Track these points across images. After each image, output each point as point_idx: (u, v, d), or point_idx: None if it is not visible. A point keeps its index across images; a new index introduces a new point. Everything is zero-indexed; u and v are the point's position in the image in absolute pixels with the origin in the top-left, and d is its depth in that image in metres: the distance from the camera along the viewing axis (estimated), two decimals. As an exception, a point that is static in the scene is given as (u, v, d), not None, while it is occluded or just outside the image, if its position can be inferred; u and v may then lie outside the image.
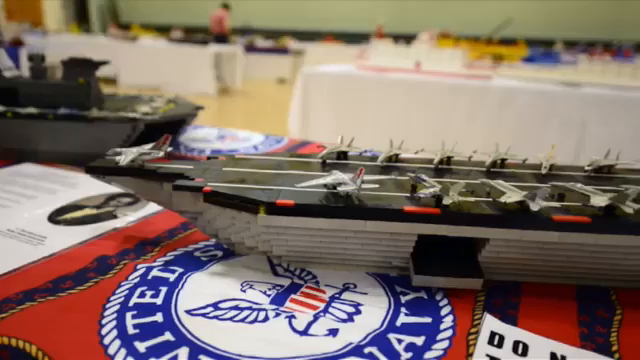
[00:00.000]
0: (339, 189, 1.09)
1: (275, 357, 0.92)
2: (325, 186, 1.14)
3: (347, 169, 1.30)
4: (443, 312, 1.10)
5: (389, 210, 1.08)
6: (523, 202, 1.08)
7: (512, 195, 1.10)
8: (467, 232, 1.08)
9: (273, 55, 16.45)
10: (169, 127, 2.25)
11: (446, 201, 1.06)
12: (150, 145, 1.32)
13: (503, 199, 1.09)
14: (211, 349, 0.93)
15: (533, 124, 5.18)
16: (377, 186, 1.13)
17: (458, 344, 0.99)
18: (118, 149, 1.31)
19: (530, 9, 17.06)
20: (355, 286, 1.19)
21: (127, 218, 1.54)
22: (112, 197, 1.68)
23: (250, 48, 16.17)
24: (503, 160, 1.48)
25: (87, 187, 1.79)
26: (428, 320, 1.06)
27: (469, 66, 6.90)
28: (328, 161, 1.43)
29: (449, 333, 1.02)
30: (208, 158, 1.44)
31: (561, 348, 0.98)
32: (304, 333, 0.99)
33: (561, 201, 1.18)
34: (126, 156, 1.25)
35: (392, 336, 0.99)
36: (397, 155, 1.48)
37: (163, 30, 17.03)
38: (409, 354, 0.95)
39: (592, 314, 1.12)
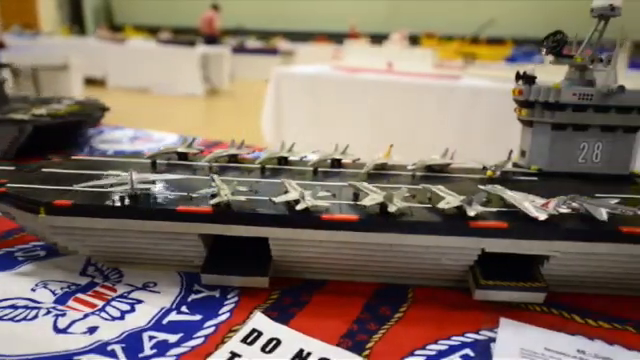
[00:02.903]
0: (111, 189, 1.11)
1: (18, 354, 0.94)
2: (111, 186, 1.15)
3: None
4: (222, 310, 1.11)
5: (165, 210, 1.10)
6: (297, 201, 1.10)
7: (290, 194, 1.12)
8: (241, 231, 1.10)
9: (263, 56, 16.43)
10: (67, 129, 2.28)
11: (215, 200, 1.08)
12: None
13: (278, 199, 1.10)
14: (-44, 347, 0.95)
15: (501, 123, 5.15)
16: (154, 186, 1.15)
17: (212, 342, 1.01)
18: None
19: (522, 9, 16.99)
20: (155, 284, 1.21)
21: (-24, 219, 1.56)
22: (-26, 198, 1.70)
23: (240, 49, 16.18)
24: (338, 160, 1.49)
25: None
26: (197, 318, 1.07)
27: (439, 66, 6.89)
28: (159, 161, 1.45)
29: (209, 331, 1.04)
30: (44, 159, 1.46)
31: (312, 345, 1.00)
32: (63, 331, 1.01)
33: (356, 200, 1.19)
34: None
35: (148, 334, 1.01)
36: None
37: (156, 31, 17.08)
38: (153, 351, 0.96)
39: (375, 312, 1.14)
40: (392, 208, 1.07)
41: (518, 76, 1.48)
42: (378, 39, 9.71)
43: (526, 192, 1.19)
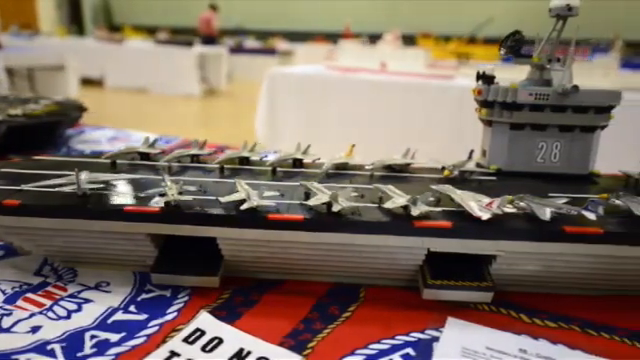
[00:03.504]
0: (57, 189, 1.11)
1: (-43, 353, 0.94)
2: (60, 186, 1.16)
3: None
4: (170, 310, 1.12)
5: (112, 210, 1.10)
6: (244, 200, 1.10)
7: (237, 194, 1.12)
8: (188, 231, 1.10)
9: (261, 56, 16.43)
10: (42, 129, 2.29)
11: (162, 200, 1.08)
12: None
13: (225, 198, 1.11)
14: None
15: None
16: (101, 186, 1.15)
17: (153, 341, 1.01)
18: None
19: (520, 9, 16.97)
20: (108, 284, 1.22)
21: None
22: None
23: (238, 49, 16.18)
24: (300, 160, 1.50)
25: None
26: (143, 317, 1.08)
27: (432, 66, 6.87)
28: (118, 162, 1.46)
29: (153, 330, 1.04)
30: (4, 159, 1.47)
31: (252, 344, 1.00)
32: (6, 331, 1.02)
33: (307, 199, 1.19)
34: None
35: (91, 333, 1.02)
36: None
37: (155, 31, 17.09)
38: (92, 350, 0.97)
39: (323, 311, 1.14)
40: (336, 208, 1.07)
41: (478, 76, 1.48)
42: (377, 39, 9.69)
43: (484, 192, 1.19)
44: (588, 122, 1.39)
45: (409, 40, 10.12)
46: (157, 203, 1.10)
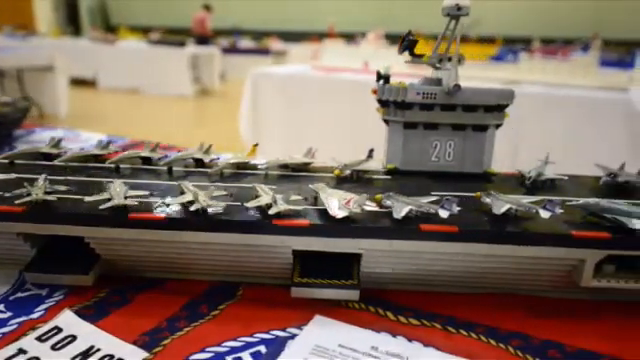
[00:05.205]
0: None
1: None
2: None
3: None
4: (38, 309, 1.13)
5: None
6: (109, 199, 1.11)
7: (103, 193, 1.13)
8: (52, 230, 1.11)
9: (255, 56, 16.44)
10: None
11: (25, 199, 1.09)
12: None
13: (89, 197, 1.12)
14: None
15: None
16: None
17: (7, 339, 1.02)
18: None
19: (517, 8, 16.95)
20: (1, 285, 1.23)
21: None
22: None
23: (232, 49, 16.21)
24: (201, 160, 1.50)
25: None
26: (6, 316, 1.09)
27: (414, 65, 6.84)
28: (16, 161, 1.47)
29: (10, 328, 1.06)
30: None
31: (104, 342, 1.01)
32: None
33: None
34: None
35: (-50, 331, 1.03)
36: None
37: (150, 32, 17.14)
38: (-56, 348, 0.98)
39: (193, 310, 1.15)
40: (195, 206, 1.08)
41: (378, 76, 1.49)
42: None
43: (373, 191, 1.19)
44: (479, 121, 1.40)
45: (399, 39, 10.12)
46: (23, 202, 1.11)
